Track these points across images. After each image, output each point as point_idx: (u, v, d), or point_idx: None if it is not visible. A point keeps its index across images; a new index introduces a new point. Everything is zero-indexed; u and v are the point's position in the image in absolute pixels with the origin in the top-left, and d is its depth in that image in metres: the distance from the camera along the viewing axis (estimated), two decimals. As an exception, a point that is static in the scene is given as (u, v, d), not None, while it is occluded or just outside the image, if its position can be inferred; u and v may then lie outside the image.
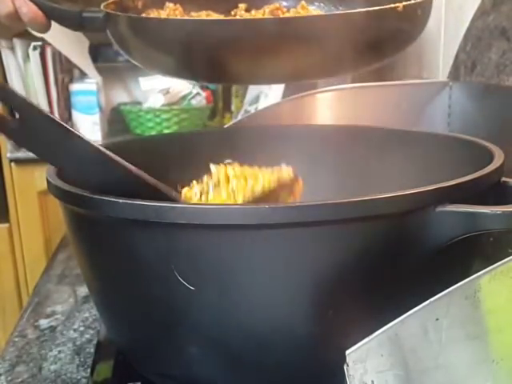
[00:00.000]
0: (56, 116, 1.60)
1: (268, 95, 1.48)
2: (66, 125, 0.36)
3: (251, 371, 0.40)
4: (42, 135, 0.35)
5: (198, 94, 1.73)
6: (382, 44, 0.50)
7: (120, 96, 1.95)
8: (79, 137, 0.36)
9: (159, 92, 1.67)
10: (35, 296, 0.66)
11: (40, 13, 0.52)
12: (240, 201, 0.43)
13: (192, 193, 0.45)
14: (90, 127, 1.66)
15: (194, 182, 0.46)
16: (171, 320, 0.40)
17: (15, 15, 0.53)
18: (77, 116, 1.65)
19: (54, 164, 0.40)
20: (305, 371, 0.39)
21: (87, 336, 0.55)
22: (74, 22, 0.53)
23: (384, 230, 0.36)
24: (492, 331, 0.30)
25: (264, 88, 1.48)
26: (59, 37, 1.47)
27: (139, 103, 1.83)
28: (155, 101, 1.67)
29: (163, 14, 0.54)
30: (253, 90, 1.59)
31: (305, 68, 0.50)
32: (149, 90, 1.68)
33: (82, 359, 0.51)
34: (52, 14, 0.53)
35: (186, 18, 0.53)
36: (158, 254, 0.37)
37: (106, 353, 0.52)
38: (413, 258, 0.37)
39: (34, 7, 0.52)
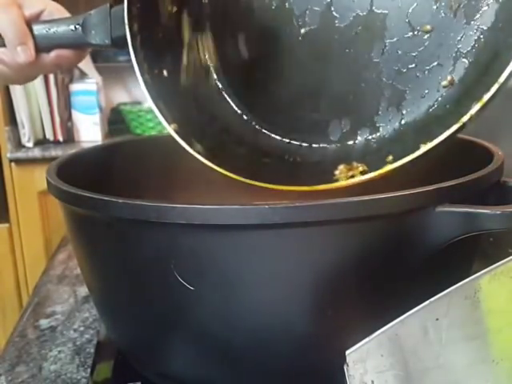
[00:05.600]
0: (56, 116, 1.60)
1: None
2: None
3: (251, 371, 0.40)
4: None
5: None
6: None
7: (120, 96, 1.95)
8: None
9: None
10: (35, 296, 0.66)
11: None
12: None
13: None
14: (90, 127, 1.66)
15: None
16: (171, 320, 0.40)
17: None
18: (77, 116, 1.65)
19: None
20: (305, 371, 0.39)
21: (87, 336, 0.55)
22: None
23: (384, 230, 0.36)
24: (492, 331, 0.30)
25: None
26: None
27: (139, 103, 1.84)
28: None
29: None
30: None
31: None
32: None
33: (82, 359, 0.51)
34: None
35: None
36: (158, 254, 0.37)
37: (106, 353, 0.52)
38: (413, 258, 0.37)
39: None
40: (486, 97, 0.40)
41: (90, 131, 1.66)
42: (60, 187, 0.41)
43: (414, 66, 0.48)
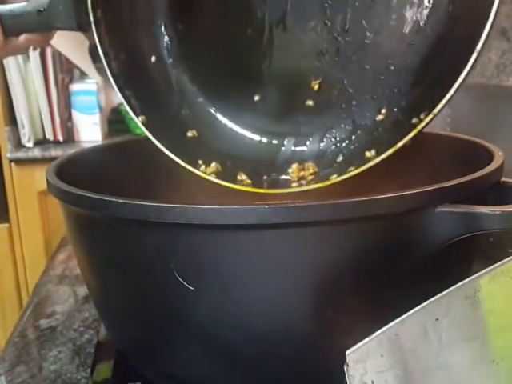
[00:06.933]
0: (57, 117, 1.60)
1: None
2: None
3: (251, 371, 0.40)
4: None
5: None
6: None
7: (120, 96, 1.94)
8: None
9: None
10: (35, 296, 0.66)
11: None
12: None
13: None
14: (90, 127, 1.66)
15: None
16: (171, 320, 0.40)
17: None
18: (77, 116, 1.65)
19: None
20: (305, 371, 0.39)
21: (87, 336, 0.55)
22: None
23: (384, 230, 0.36)
24: (492, 331, 0.30)
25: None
26: (59, 37, 1.47)
27: (139, 103, 1.83)
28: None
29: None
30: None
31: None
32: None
33: (82, 359, 0.51)
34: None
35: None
36: (158, 254, 0.37)
37: (106, 353, 0.52)
38: (413, 258, 0.37)
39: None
40: (428, 118, 0.41)
41: (90, 131, 1.65)
42: (60, 187, 0.41)
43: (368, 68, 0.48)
